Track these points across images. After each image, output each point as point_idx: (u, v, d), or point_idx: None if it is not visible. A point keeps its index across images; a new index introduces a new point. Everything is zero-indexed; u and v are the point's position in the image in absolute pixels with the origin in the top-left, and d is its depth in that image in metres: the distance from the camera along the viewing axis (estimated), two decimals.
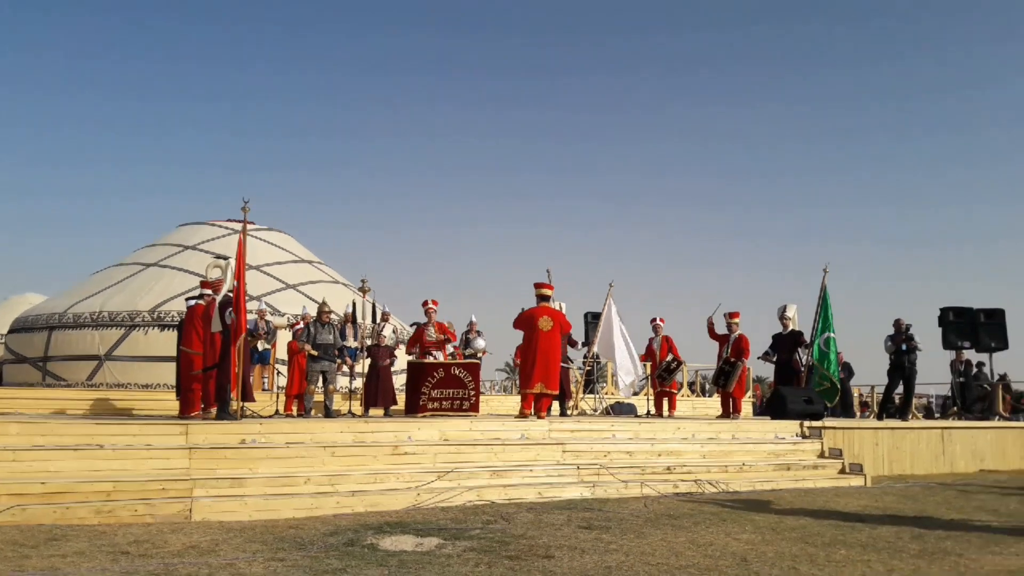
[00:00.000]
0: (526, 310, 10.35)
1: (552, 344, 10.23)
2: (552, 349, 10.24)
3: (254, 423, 8.08)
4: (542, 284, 10.53)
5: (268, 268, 16.21)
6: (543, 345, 10.13)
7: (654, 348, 12.95)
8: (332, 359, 10.73)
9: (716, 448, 9.80)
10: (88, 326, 15.34)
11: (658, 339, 12.95)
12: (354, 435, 8.24)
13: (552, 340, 10.24)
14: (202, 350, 9.42)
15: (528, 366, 10.20)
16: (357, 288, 12.42)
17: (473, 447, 8.48)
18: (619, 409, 13.90)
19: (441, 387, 10.37)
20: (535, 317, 10.25)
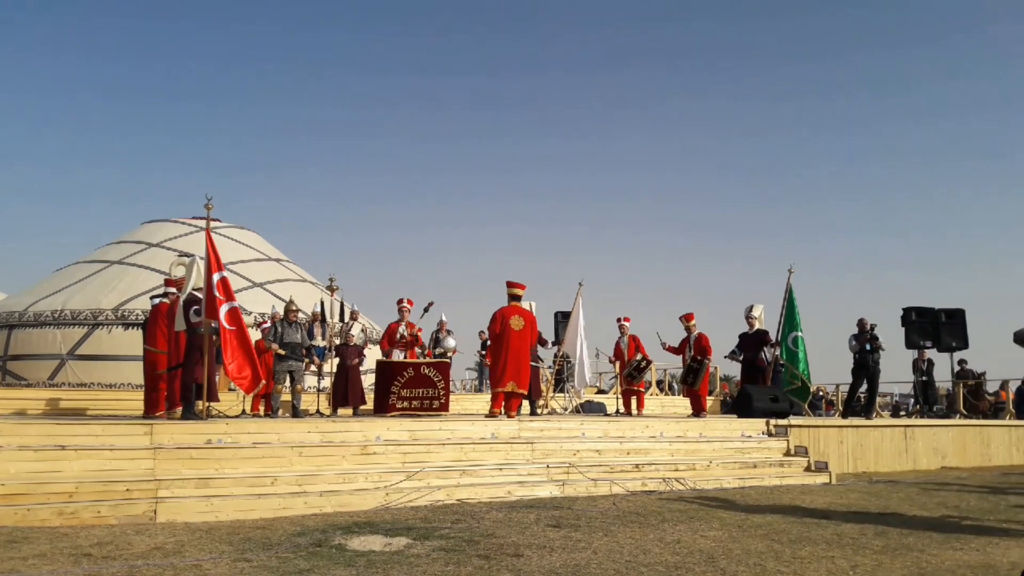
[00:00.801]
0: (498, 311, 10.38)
1: (523, 344, 10.27)
2: (523, 349, 10.28)
3: (220, 423, 8.00)
4: (515, 283, 10.56)
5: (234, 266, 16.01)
6: (514, 344, 10.16)
7: (621, 348, 13.06)
8: (300, 358, 10.65)
9: (684, 446, 9.92)
10: (50, 324, 15.03)
11: (624, 339, 13.05)
12: (322, 435, 8.20)
13: (523, 340, 10.28)
14: (167, 349, 9.31)
15: (499, 365, 10.22)
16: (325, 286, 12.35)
17: (443, 446, 8.49)
18: (589, 408, 13.98)
19: (411, 386, 10.35)
20: (506, 316, 10.29)
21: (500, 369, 10.20)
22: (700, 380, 12.19)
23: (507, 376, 10.09)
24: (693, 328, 12.43)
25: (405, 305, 11.70)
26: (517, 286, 10.56)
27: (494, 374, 10.47)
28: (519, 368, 10.18)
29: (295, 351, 10.57)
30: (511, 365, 10.10)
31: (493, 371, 10.54)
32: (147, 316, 10.64)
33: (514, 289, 10.55)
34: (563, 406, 14.29)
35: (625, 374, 12.91)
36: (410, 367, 10.51)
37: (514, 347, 10.17)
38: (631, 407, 12.96)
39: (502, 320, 10.26)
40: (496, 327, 10.27)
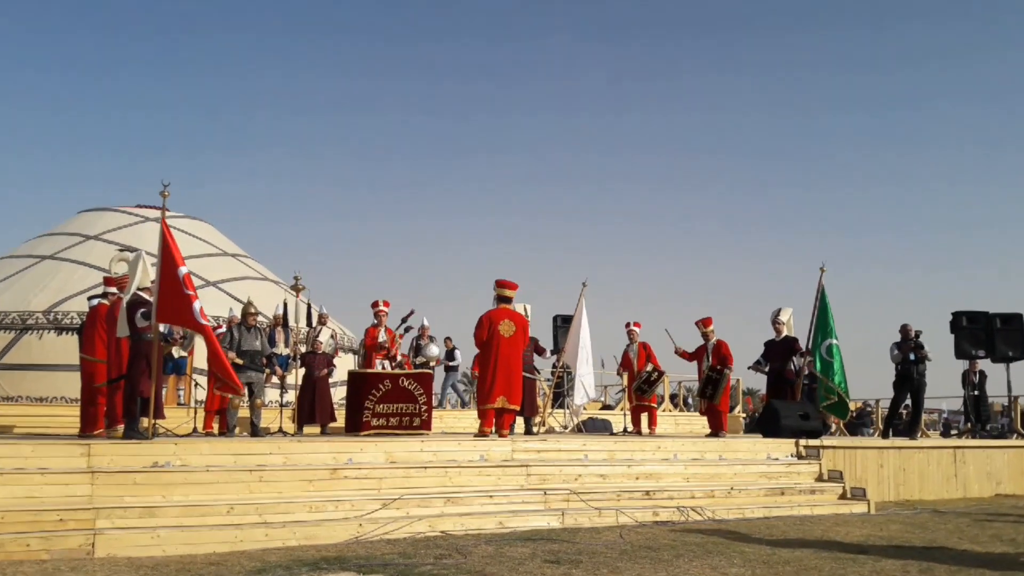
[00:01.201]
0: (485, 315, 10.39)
1: (514, 352, 10.28)
2: (514, 358, 10.29)
3: (168, 443, 7.99)
4: (505, 283, 10.56)
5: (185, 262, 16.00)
6: (504, 353, 10.17)
7: (630, 357, 13.09)
8: (259, 369, 10.64)
9: (701, 470, 9.96)
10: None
11: (634, 347, 13.08)
12: (285, 457, 8.19)
13: (514, 347, 10.28)
14: (106, 358, 9.28)
15: (487, 377, 10.23)
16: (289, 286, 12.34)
17: (424, 470, 8.50)
18: (592, 426, 14.03)
19: (388, 401, 10.36)
20: (495, 321, 10.28)
21: (488, 382, 10.21)
22: (720, 394, 12.22)
23: (496, 390, 10.10)
24: (711, 334, 12.45)
25: (382, 308, 11.72)
26: (507, 286, 10.56)
27: (482, 388, 10.48)
28: (510, 380, 10.19)
29: (254, 360, 10.56)
30: (501, 377, 10.11)
31: (481, 384, 10.55)
32: (84, 319, 10.61)
33: (504, 289, 10.55)
34: (563, 424, 14.32)
35: (634, 387, 12.95)
36: (387, 379, 10.53)
37: (504, 356, 10.17)
38: (641, 425, 12.99)
39: (489, 325, 10.26)
40: (483, 333, 10.27)
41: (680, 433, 15.05)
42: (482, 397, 10.45)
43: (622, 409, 15.08)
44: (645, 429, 13.01)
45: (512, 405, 10.21)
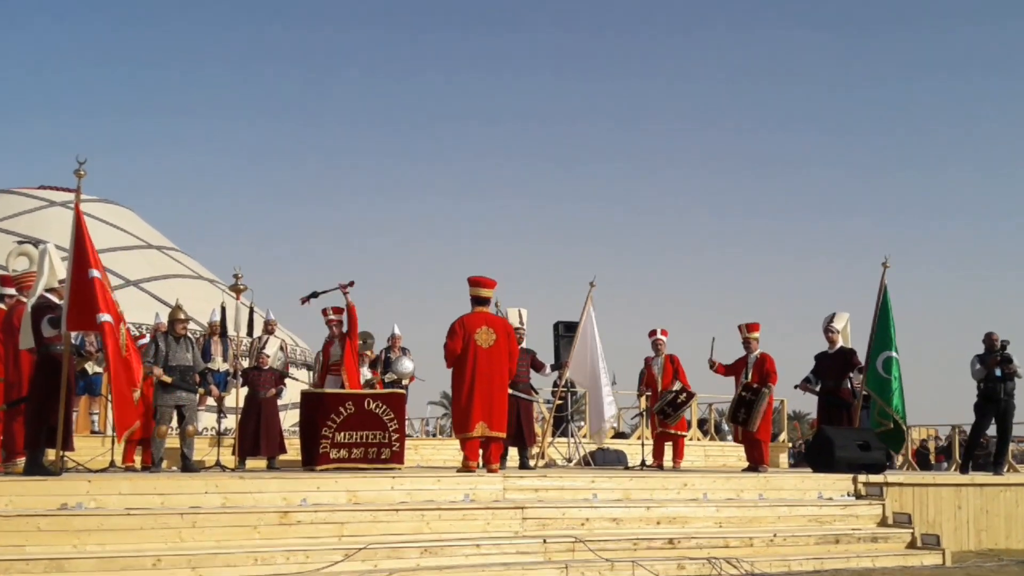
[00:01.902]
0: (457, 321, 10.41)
1: (496, 366, 10.28)
2: (496, 373, 10.30)
3: (80, 480, 8.00)
4: (479, 280, 10.57)
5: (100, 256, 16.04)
6: (483, 368, 10.18)
7: (654, 372, 13.08)
8: (191, 388, 10.68)
9: (737, 513, 10.00)
10: None
11: (659, 360, 13.08)
12: (225, 497, 8.22)
13: (495, 360, 10.28)
14: (3, 375, 9.30)
15: (462, 399, 10.24)
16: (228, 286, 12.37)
17: (396, 513, 8.54)
18: (603, 458, 14.06)
19: (350, 428, 10.40)
20: (469, 328, 10.29)
21: (464, 404, 10.22)
22: (756, 418, 12.22)
23: (475, 414, 10.11)
24: (755, 344, 12.46)
25: (332, 318, 11.75)
26: (482, 283, 10.58)
27: (457, 411, 10.49)
28: (491, 401, 10.20)
29: (185, 377, 10.60)
30: (480, 397, 10.12)
31: (456, 407, 10.55)
32: None
33: (478, 289, 10.56)
34: (566, 455, 14.36)
35: (656, 410, 12.96)
36: (349, 401, 10.57)
37: (483, 372, 10.18)
38: (663, 457, 13.03)
39: (463, 333, 10.27)
40: (455, 343, 10.28)
41: (711, 467, 15.08)
42: (458, 424, 10.49)
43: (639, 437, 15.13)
44: (668, 462, 13.04)
45: (495, 432, 10.23)
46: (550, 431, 14.55)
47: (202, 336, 13.62)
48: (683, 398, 12.85)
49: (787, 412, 21.38)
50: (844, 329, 12.84)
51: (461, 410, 10.28)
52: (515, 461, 11.77)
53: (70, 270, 8.54)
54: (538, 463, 12.58)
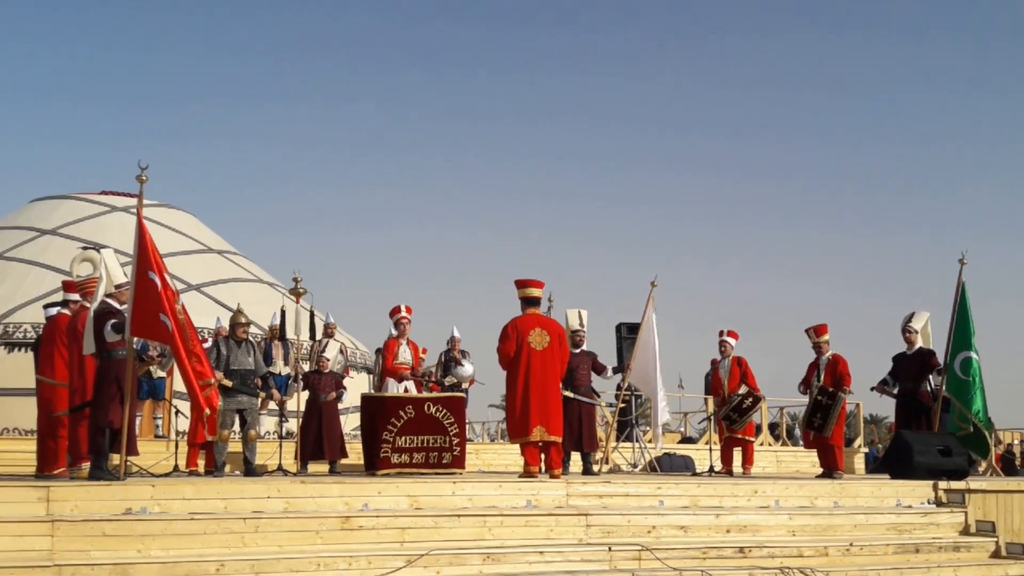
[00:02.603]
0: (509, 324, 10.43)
1: (550, 369, 10.28)
2: (551, 376, 10.30)
3: (144, 485, 8.18)
4: (527, 281, 10.58)
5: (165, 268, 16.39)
6: (537, 372, 10.18)
7: (721, 376, 13.02)
8: (253, 392, 10.82)
9: (811, 521, 9.87)
10: None
11: (727, 362, 13.00)
12: (287, 502, 8.34)
13: (549, 363, 10.27)
14: (68, 380, 9.50)
15: (517, 403, 10.24)
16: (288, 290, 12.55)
17: (458, 519, 8.57)
18: (669, 464, 13.99)
19: (411, 432, 10.48)
20: (522, 331, 10.30)
21: (519, 408, 10.22)
22: (832, 423, 12.09)
23: (532, 418, 10.11)
24: (825, 346, 12.33)
25: (404, 316, 11.81)
26: (530, 284, 10.58)
27: (512, 416, 10.51)
28: (546, 405, 10.19)
29: (246, 382, 10.74)
30: (536, 401, 10.12)
31: (510, 412, 10.57)
32: (40, 333, 10.88)
33: (527, 289, 10.56)
34: (631, 461, 14.31)
35: (723, 415, 12.88)
36: (409, 405, 10.65)
37: (537, 375, 10.18)
38: (732, 463, 12.92)
39: (517, 336, 10.29)
40: (509, 347, 10.30)
41: (783, 473, 14.92)
42: (514, 429, 10.49)
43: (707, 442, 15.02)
44: (738, 468, 12.92)
45: (552, 436, 10.23)
46: (613, 436, 14.50)
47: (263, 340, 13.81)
48: (750, 402, 12.75)
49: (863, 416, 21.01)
50: (923, 329, 12.62)
51: (517, 415, 10.30)
52: (578, 467, 11.75)
53: (134, 275, 8.67)
54: (602, 469, 12.54)
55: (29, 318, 15.15)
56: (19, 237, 17.85)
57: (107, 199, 18.92)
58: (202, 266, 17.79)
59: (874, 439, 24.64)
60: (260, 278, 19.20)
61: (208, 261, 18.35)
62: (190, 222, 19.63)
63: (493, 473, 12.32)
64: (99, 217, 18.27)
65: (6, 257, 17.26)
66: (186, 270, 16.98)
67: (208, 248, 18.95)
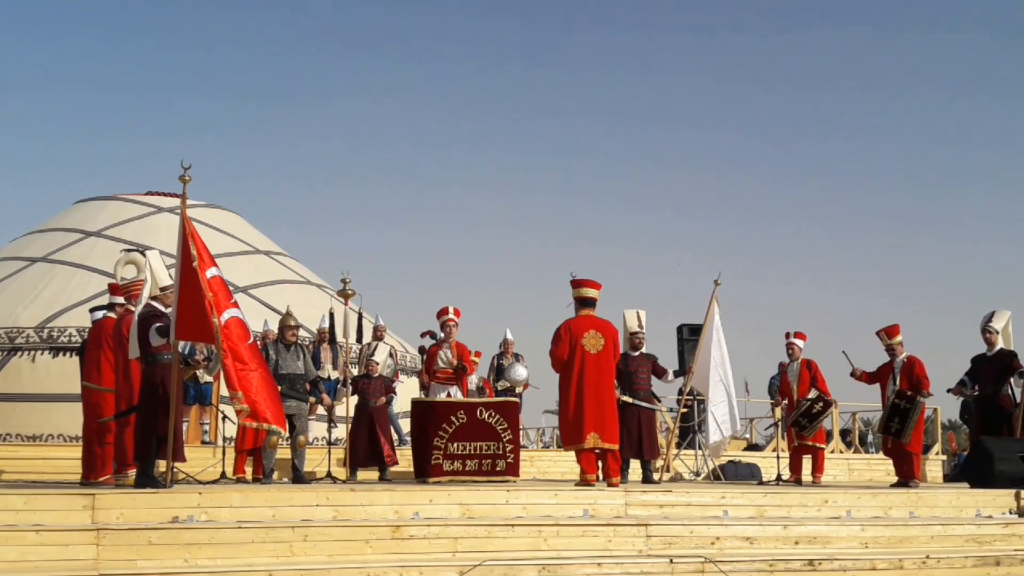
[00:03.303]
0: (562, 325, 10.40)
1: (605, 373, 10.26)
2: (606, 380, 10.28)
3: (191, 492, 8.29)
4: (583, 281, 10.55)
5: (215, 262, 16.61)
6: (591, 376, 10.16)
7: (789, 379, 12.91)
8: (302, 397, 10.93)
9: (885, 532, 9.72)
10: None
11: (795, 365, 12.88)
12: (336, 510, 8.40)
13: (604, 367, 10.26)
14: (114, 385, 9.66)
15: (571, 409, 10.23)
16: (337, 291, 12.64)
17: (512, 529, 8.57)
18: (734, 472, 13.88)
19: (463, 439, 10.51)
20: (576, 333, 10.27)
21: (572, 414, 10.22)
22: (910, 429, 11.94)
23: (587, 424, 10.09)
24: (899, 348, 12.17)
25: (451, 318, 11.85)
26: (586, 284, 10.56)
27: (565, 422, 10.50)
28: (601, 411, 10.17)
29: (295, 386, 10.85)
30: (590, 407, 10.11)
31: (563, 417, 10.57)
32: (85, 337, 11.10)
33: (582, 290, 10.53)
34: (693, 469, 14.22)
35: (791, 420, 12.75)
36: (461, 410, 10.68)
37: (591, 379, 10.16)
38: (801, 471, 12.79)
39: (569, 338, 10.27)
40: (561, 349, 10.28)
41: (855, 482, 14.74)
42: (568, 435, 10.48)
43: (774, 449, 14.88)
44: (807, 477, 12.79)
45: (607, 443, 10.20)
46: (675, 442, 14.41)
47: (311, 343, 13.93)
48: (820, 407, 12.60)
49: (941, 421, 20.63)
50: (1005, 329, 12.42)
51: (570, 420, 10.29)
52: (637, 475, 11.70)
53: (178, 277, 8.77)
54: (662, 477, 12.47)
55: (75, 322, 15.40)
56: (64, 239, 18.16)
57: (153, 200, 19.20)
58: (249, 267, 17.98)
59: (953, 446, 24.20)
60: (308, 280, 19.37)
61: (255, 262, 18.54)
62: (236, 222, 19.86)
63: (548, 481, 12.33)
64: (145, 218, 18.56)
65: (51, 260, 17.57)
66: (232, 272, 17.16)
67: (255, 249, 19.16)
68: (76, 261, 17.33)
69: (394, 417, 13.46)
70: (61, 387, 14.49)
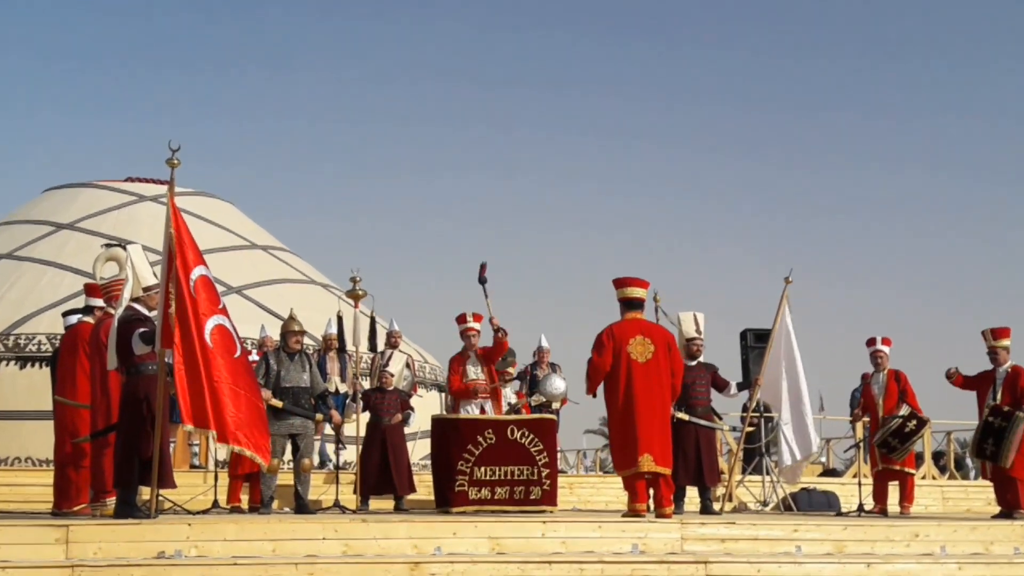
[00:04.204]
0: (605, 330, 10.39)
1: (656, 384, 10.21)
2: (657, 394, 10.23)
3: (179, 524, 8.36)
4: (628, 280, 10.53)
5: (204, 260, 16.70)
6: (640, 388, 10.12)
7: (873, 392, 12.82)
8: (307, 413, 10.95)
9: (985, 571, 9.69)
10: None
11: (881, 376, 12.79)
12: (345, 544, 8.44)
13: (655, 377, 10.21)
14: (91, 401, 9.72)
15: (619, 428, 10.20)
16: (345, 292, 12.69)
17: (549, 567, 8.59)
18: (807, 501, 13.80)
19: (492, 462, 10.53)
20: (621, 339, 10.24)
21: (622, 433, 10.19)
22: (1012, 450, 11.82)
23: (640, 444, 10.07)
24: (1004, 355, 12.05)
25: (471, 326, 11.84)
26: (631, 283, 10.53)
27: (615, 442, 10.47)
28: (653, 428, 10.14)
29: (299, 401, 10.88)
30: (643, 424, 10.08)
31: (613, 437, 10.55)
32: (58, 346, 11.16)
33: (628, 289, 10.50)
34: (760, 498, 14.16)
35: (877, 441, 12.67)
36: (489, 428, 10.70)
37: (640, 392, 10.12)
38: (887, 501, 12.72)
39: (613, 345, 10.24)
40: (604, 358, 10.25)
41: (950, 513, 14.62)
42: (619, 458, 10.45)
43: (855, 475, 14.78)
44: (894, 507, 12.71)
45: (661, 467, 10.17)
46: (738, 467, 14.36)
47: (316, 351, 13.97)
48: (912, 426, 12.50)
49: None
50: None
51: (620, 441, 10.27)
52: (694, 504, 11.67)
53: (164, 276, 8.78)
54: (724, 507, 12.44)
55: (45, 328, 15.48)
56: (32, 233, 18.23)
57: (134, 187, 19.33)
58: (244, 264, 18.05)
59: None
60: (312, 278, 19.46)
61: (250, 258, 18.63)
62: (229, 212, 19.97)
63: (591, 511, 12.31)
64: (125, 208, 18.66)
65: (17, 256, 17.63)
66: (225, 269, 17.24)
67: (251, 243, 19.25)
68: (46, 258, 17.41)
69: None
70: (29, 403, 14.57)
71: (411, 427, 12.30)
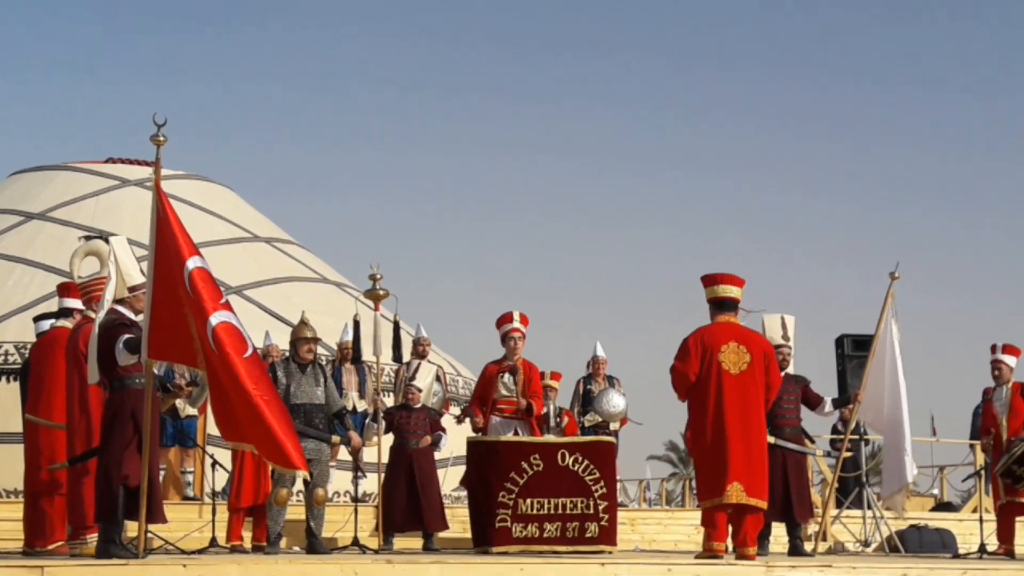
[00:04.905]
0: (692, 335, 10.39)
1: (752, 400, 10.19)
2: (753, 411, 10.20)
3: (171, 565, 8.45)
4: (720, 277, 10.48)
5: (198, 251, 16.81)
6: (733, 403, 10.08)
7: (996, 410, 12.75)
8: (322, 436, 11.00)
9: None
10: None
11: (1004, 391, 12.72)
12: None
13: (751, 392, 10.17)
14: (67, 421, 9.82)
15: (706, 449, 10.21)
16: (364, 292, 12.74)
17: None
18: (918, 539, 13.76)
19: (539, 493, 10.57)
20: (711, 347, 10.24)
21: (708, 456, 10.18)
22: None
23: (730, 469, 10.07)
24: None
25: (516, 327, 11.82)
26: (724, 280, 10.46)
27: (700, 467, 10.48)
28: (748, 451, 10.12)
29: (312, 421, 10.94)
30: (734, 446, 10.06)
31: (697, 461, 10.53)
32: (28, 356, 11.29)
33: (716, 288, 10.46)
34: (860, 536, 14.12)
35: (1000, 470, 12.60)
36: (536, 453, 10.73)
37: (732, 408, 10.08)
38: (1014, 540, 12.65)
39: (701, 353, 10.24)
40: (690, 367, 10.25)
41: None
42: (704, 485, 10.45)
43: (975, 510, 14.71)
44: (1021, 548, 12.65)
45: (753, 499, 10.14)
46: (834, 499, 14.31)
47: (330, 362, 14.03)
48: None
49: None
50: None
51: (705, 466, 10.24)
52: (781, 544, 11.65)
53: (151, 274, 8.78)
54: (817, 547, 12.42)
55: (12, 335, 15.58)
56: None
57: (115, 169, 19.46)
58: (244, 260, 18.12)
59: None
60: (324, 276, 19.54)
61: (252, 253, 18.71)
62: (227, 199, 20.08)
63: (656, 552, 12.33)
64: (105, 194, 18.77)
65: None
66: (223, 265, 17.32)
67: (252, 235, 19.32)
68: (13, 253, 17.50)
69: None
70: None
71: (442, 452, 12.32)
